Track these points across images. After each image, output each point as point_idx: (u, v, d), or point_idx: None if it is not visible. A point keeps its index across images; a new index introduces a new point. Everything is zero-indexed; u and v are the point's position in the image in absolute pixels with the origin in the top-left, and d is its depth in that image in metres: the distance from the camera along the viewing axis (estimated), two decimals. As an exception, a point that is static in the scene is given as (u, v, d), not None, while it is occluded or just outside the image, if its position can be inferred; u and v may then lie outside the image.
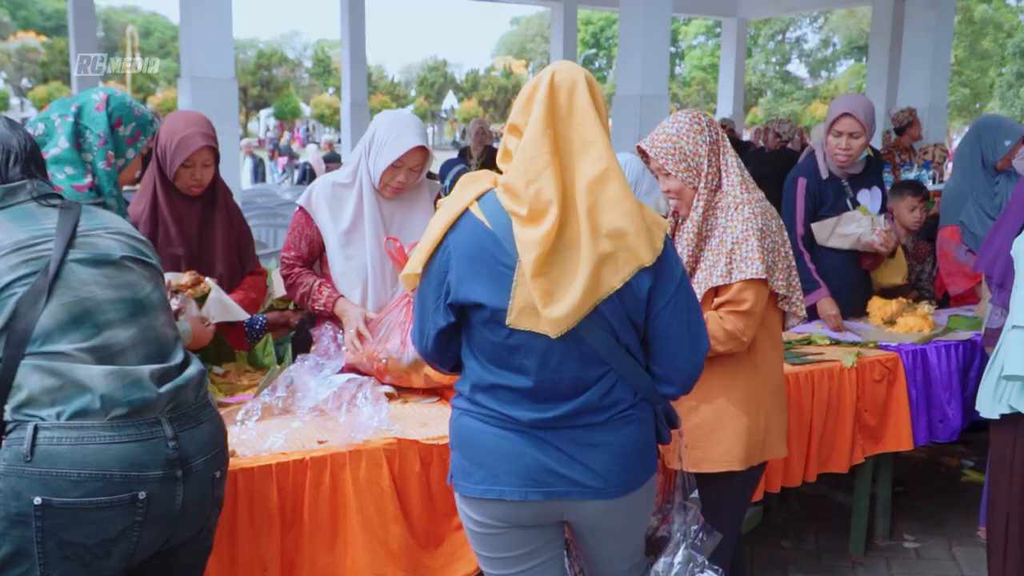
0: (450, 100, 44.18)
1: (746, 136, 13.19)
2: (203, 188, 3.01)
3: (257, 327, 3.37)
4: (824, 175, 3.90)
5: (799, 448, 3.31)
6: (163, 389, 1.79)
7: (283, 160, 22.74)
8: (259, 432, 2.44)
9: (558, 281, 1.80)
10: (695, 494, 2.36)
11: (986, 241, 3.46)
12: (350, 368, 2.88)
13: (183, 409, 1.83)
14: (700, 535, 2.35)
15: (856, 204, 3.89)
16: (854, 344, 3.62)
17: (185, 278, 2.76)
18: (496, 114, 42.78)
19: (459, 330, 1.95)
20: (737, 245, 2.42)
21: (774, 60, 44.44)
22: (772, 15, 22.24)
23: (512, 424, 1.91)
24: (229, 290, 3.04)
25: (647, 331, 1.93)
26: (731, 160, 2.51)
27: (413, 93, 48.50)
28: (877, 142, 11.71)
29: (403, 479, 2.44)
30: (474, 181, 1.91)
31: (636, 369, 1.93)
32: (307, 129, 37.92)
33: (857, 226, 3.83)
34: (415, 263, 1.92)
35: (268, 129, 34.53)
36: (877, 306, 4.05)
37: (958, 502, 4.16)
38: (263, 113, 38.32)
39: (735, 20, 16.42)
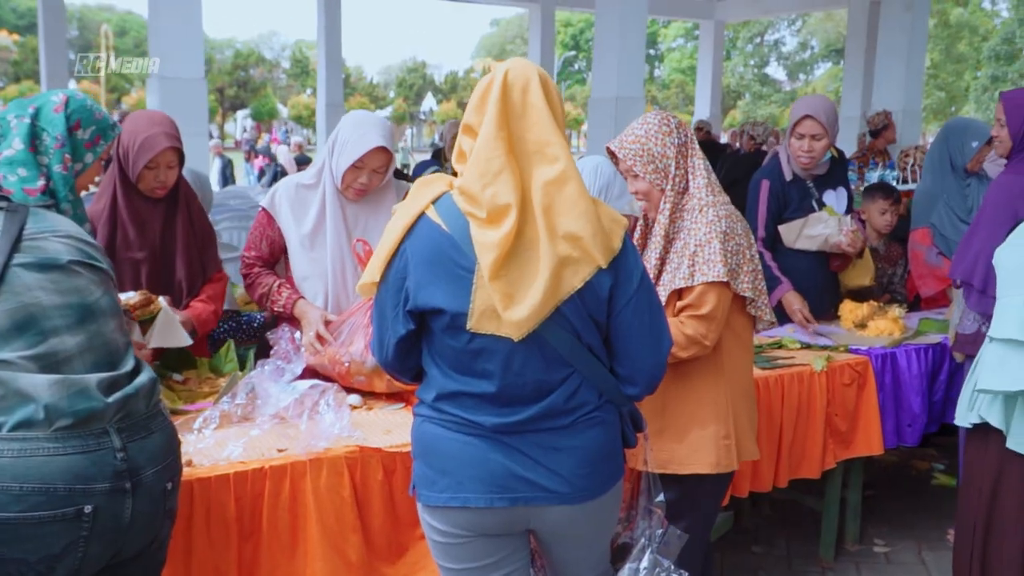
0: (429, 102, 44.10)
1: (724, 139, 13.22)
2: (167, 190, 2.95)
3: (255, 324, 3.31)
4: (788, 177, 3.91)
5: (769, 453, 3.29)
6: (111, 398, 1.74)
7: (259, 161, 22.59)
8: (217, 440, 2.39)
9: (518, 283, 1.77)
10: (660, 498, 2.34)
11: (961, 246, 3.46)
12: (311, 370, 2.84)
13: (133, 419, 1.78)
14: (665, 538, 2.32)
15: (822, 205, 3.89)
16: (824, 348, 3.62)
17: (135, 298, 2.68)
18: (476, 115, 42.57)
19: (419, 338, 1.92)
20: (700, 248, 2.41)
21: (752, 63, 44.76)
22: (749, 17, 22.35)
23: (476, 430, 1.88)
24: (190, 294, 2.98)
25: (609, 330, 1.91)
26: (698, 163, 2.50)
27: (392, 94, 48.43)
28: (852, 144, 11.79)
29: (365, 488, 2.40)
30: (429, 184, 1.88)
31: (600, 370, 1.91)
32: (287, 131, 37.79)
33: (824, 227, 3.84)
34: (372, 271, 1.89)
35: (245, 130, 34.36)
36: (848, 309, 4.05)
37: (928, 506, 4.16)
38: (240, 114, 38.14)
39: (712, 23, 16.47)
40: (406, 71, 49.47)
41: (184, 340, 2.75)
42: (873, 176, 7.89)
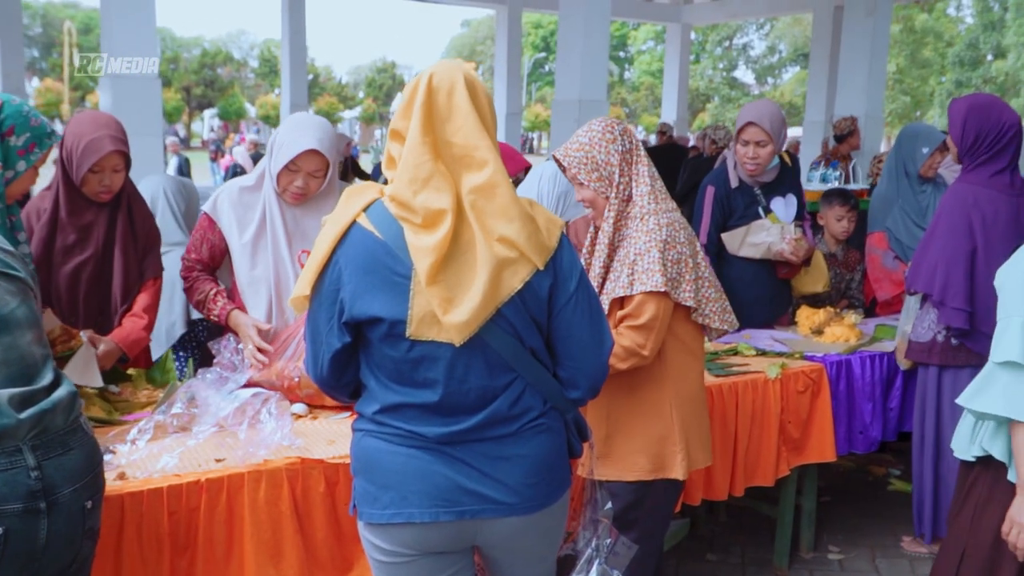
0: (398, 102, 43.83)
1: (693, 141, 13.24)
2: (112, 194, 2.87)
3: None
4: (734, 184, 3.88)
5: (724, 461, 3.26)
6: (24, 414, 1.67)
7: (226, 161, 22.38)
8: (152, 452, 2.31)
9: (457, 287, 1.73)
10: (608, 506, 2.31)
11: (918, 255, 3.46)
12: (255, 385, 2.78)
13: (49, 435, 1.71)
14: (614, 549, 2.29)
15: (769, 212, 3.87)
16: (780, 355, 3.60)
17: (55, 332, 2.58)
18: (445, 116, 42.45)
19: (356, 351, 1.86)
20: (639, 257, 2.39)
21: (721, 66, 45.02)
22: (715, 21, 22.46)
23: (419, 441, 1.83)
24: (124, 302, 2.91)
25: (550, 332, 1.88)
26: (643, 170, 2.47)
27: (361, 95, 48.18)
28: (816, 148, 11.86)
29: (306, 501, 2.34)
30: (359, 192, 1.83)
31: (543, 374, 1.87)
32: (258, 130, 37.49)
33: (767, 235, 3.82)
34: (303, 284, 1.83)
35: (212, 129, 34.03)
36: (805, 315, 4.05)
37: (883, 512, 4.16)
38: (207, 113, 37.80)
39: (679, 26, 16.53)
40: (376, 71, 49.26)
41: (96, 381, 2.64)
42: (815, 176, 7.94)
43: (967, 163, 3.37)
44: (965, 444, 2.52)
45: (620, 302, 2.44)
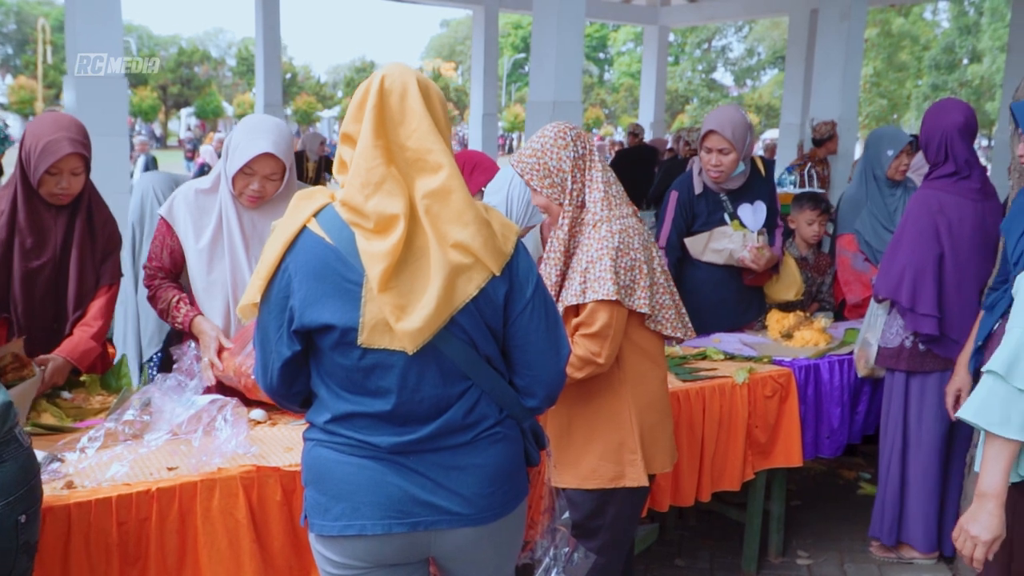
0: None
1: (671, 144, 13.26)
2: (70, 198, 2.80)
3: None
4: (697, 190, 3.87)
5: (691, 466, 3.24)
6: None
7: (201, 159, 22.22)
8: (102, 461, 2.26)
9: (410, 294, 1.69)
10: (566, 515, 2.27)
11: (886, 261, 3.45)
12: (218, 383, 2.73)
13: None
14: (573, 558, 2.26)
15: (734, 218, 3.85)
16: (748, 359, 3.58)
17: (6, 359, 2.51)
18: (425, 116, 42.34)
19: (306, 359, 1.82)
20: (591, 264, 2.36)
21: (700, 68, 45.18)
22: (693, 23, 22.50)
23: (372, 451, 1.79)
24: (78, 309, 2.84)
25: (506, 339, 1.84)
26: (596, 175, 2.44)
27: (340, 94, 47.98)
28: (792, 151, 11.88)
29: (262, 510, 2.29)
30: (309, 197, 1.78)
31: (499, 382, 1.84)
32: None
33: (729, 242, 3.80)
34: (252, 292, 1.78)
35: (189, 128, 33.78)
36: (775, 319, 4.03)
37: (853, 516, 4.16)
38: (184, 112, 37.49)
39: (656, 27, 16.53)
40: (355, 71, 49.05)
41: (22, 415, 2.53)
42: (786, 180, 7.98)
43: (929, 168, 3.37)
44: None
45: (575, 310, 2.41)
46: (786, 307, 4.15)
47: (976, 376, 3.02)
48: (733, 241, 3.79)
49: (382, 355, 1.73)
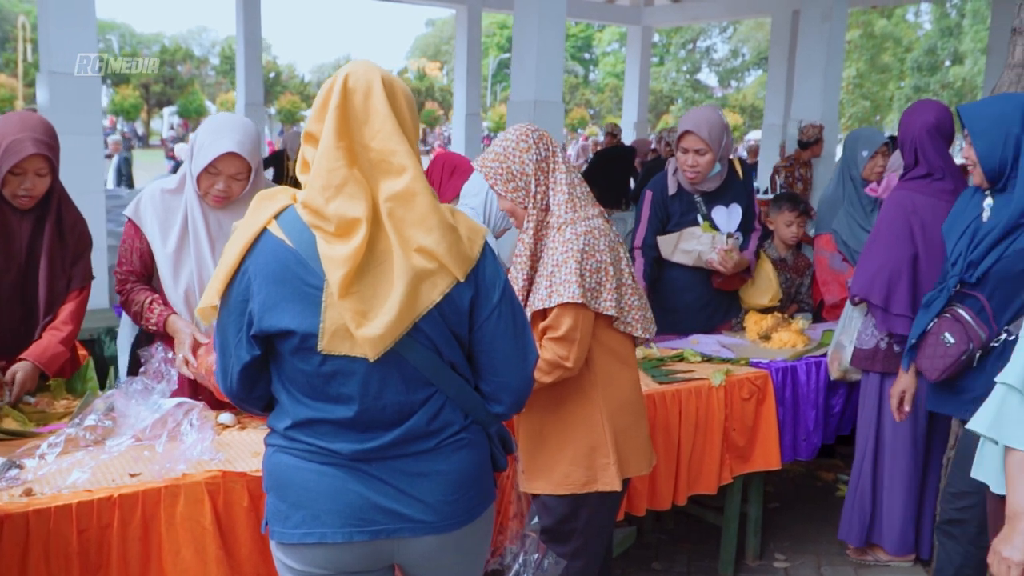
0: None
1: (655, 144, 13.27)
2: (34, 200, 2.73)
3: None
4: (672, 190, 3.86)
5: (668, 470, 3.22)
6: None
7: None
8: (63, 467, 2.21)
9: (371, 299, 1.65)
10: (535, 521, 2.24)
11: (862, 262, 3.44)
12: (191, 382, 2.70)
13: None
14: (542, 564, 2.23)
15: (707, 220, 3.83)
16: (725, 361, 3.56)
17: None
18: (409, 116, 42.24)
19: (267, 363, 1.78)
20: (557, 268, 2.34)
21: (685, 69, 45.28)
22: (676, 24, 22.54)
23: (333, 458, 1.75)
24: (48, 314, 2.79)
25: (472, 345, 1.81)
26: (560, 177, 2.41)
27: (324, 93, 47.70)
28: (775, 154, 11.90)
29: (229, 516, 2.25)
30: (270, 198, 1.74)
31: (464, 388, 1.80)
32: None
33: (697, 243, 3.79)
34: (211, 294, 1.73)
35: (172, 127, 33.57)
36: (753, 321, 4.02)
37: (831, 518, 4.13)
38: (167, 111, 37.25)
39: (640, 28, 16.55)
40: (339, 70, 48.85)
41: None
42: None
43: (904, 169, 3.37)
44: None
45: (542, 314, 2.38)
46: (764, 308, 4.13)
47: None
48: (702, 243, 3.77)
49: (343, 362, 1.69)
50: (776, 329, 3.93)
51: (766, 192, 9.02)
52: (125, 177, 15.35)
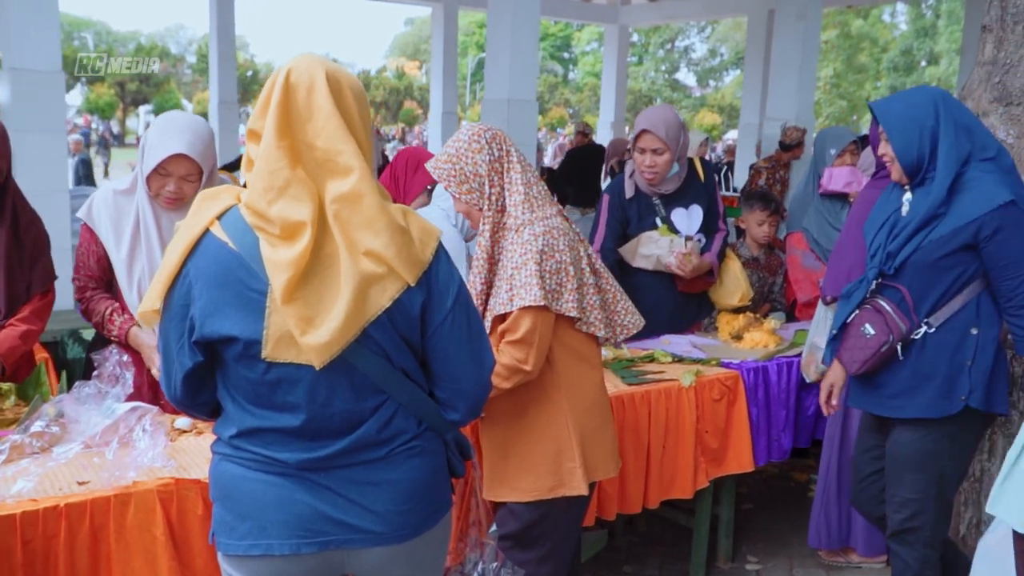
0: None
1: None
2: None
3: None
4: (629, 193, 3.79)
5: (637, 473, 3.17)
6: None
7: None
8: (7, 476, 2.13)
9: (317, 305, 1.58)
10: (493, 528, 2.19)
11: (833, 262, 3.40)
12: (150, 386, 2.65)
13: None
14: (500, 573, 2.18)
15: (667, 223, 3.78)
16: (696, 361, 3.52)
17: None
18: (388, 116, 42.23)
19: (211, 369, 1.71)
20: (516, 270, 2.28)
21: (663, 68, 45.37)
22: (653, 23, 22.54)
23: (280, 468, 1.69)
24: (8, 316, 2.70)
25: (426, 352, 1.74)
26: (516, 177, 2.35)
27: (302, 92, 47.47)
28: (751, 153, 11.91)
29: (182, 525, 2.18)
30: (214, 198, 1.67)
31: (417, 395, 1.74)
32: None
33: (656, 247, 3.73)
34: (152, 298, 1.66)
35: (147, 126, 33.26)
36: (725, 321, 3.99)
37: (803, 520, 4.09)
38: (142, 109, 36.92)
39: (616, 27, 16.53)
40: (317, 69, 48.58)
41: None
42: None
43: (876, 168, 3.34)
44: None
45: (502, 317, 2.33)
46: (736, 308, 4.09)
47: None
48: (660, 247, 3.71)
49: (288, 369, 1.63)
50: (748, 329, 3.90)
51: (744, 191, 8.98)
52: (83, 178, 15.16)
